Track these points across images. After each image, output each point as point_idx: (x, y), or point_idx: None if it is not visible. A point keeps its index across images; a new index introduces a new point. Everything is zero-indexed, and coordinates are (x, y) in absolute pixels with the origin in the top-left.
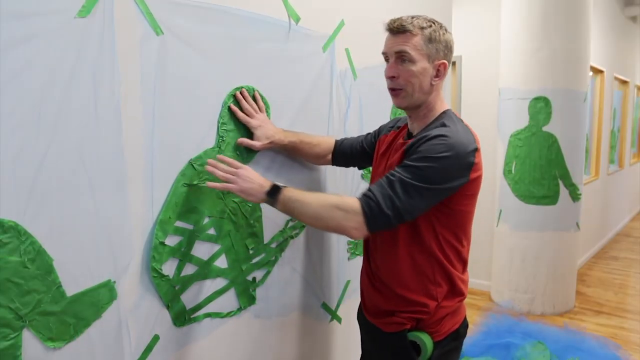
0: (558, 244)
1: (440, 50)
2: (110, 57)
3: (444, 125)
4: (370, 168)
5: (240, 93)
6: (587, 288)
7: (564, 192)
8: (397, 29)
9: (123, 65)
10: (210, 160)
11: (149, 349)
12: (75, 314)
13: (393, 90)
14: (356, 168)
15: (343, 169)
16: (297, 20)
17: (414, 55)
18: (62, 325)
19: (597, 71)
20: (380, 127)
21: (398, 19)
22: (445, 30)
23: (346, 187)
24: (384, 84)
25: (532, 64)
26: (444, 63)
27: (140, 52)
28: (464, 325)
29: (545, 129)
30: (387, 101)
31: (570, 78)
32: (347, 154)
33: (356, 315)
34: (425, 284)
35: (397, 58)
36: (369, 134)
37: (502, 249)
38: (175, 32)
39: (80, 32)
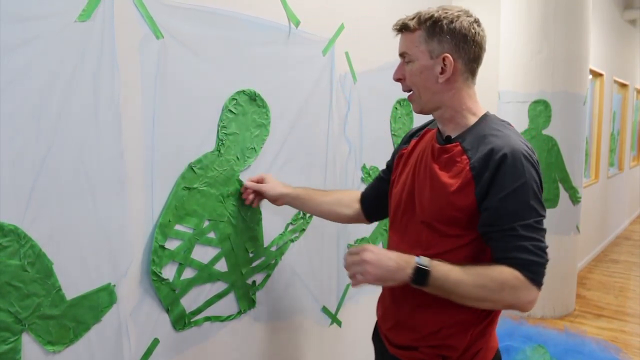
0: (558, 247)
1: (444, 43)
2: (110, 60)
3: (494, 135)
4: (368, 168)
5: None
6: (588, 291)
7: (563, 195)
8: (399, 29)
9: (123, 68)
10: (351, 252)
11: (148, 352)
12: (75, 318)
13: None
14: (359, 172)
15: (343, 169)
16: (297, 23)
17: (413, 53)
18: (61, 328)
19: (596, 74)
20: (395, 149)
21: (406, 17)
22: (466, 17)
23: (346, 188)
24: (383, 87)
25: (532, 67)
26: (446, 56)
27: (140, 56)
28: (497, 356)
29: (544, 132)
30: (387, 104)
31: (570, 81)
32: (377, 198)
33: (371, 335)
34: (462, 315)
35: (403, 59)
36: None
37: None
38: (175, 36)
39: (81, 36)
